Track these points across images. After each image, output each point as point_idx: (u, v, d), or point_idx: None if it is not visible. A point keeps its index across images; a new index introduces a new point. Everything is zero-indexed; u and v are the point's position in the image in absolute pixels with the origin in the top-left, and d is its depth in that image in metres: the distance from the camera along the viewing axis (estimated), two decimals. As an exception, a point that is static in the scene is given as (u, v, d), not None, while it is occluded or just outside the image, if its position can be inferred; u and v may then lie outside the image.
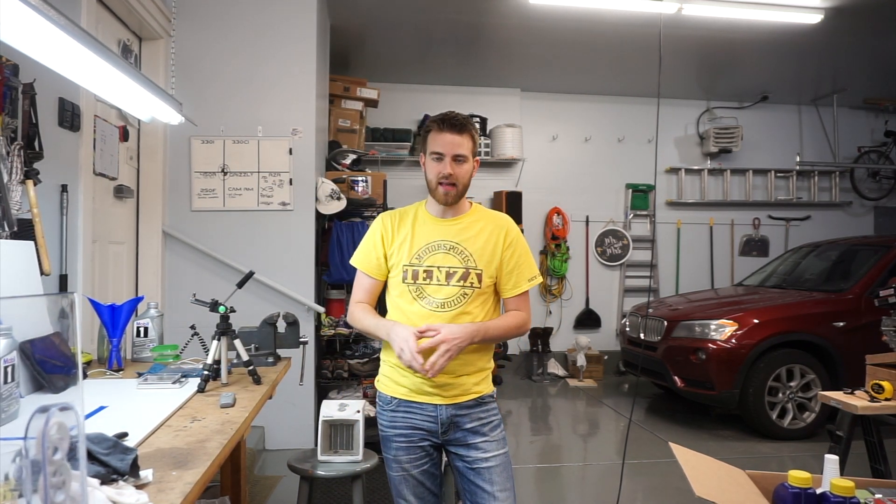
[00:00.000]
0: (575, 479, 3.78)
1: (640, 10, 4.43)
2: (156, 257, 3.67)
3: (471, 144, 1.75)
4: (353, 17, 4.72)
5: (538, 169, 6.58)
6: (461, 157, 1.73)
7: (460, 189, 1.75)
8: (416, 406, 1.75)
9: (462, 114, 1.78)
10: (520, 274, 1.78)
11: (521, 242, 1.82)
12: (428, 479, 1.80)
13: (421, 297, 1.74)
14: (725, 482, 1.52)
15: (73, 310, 1.86)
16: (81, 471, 0.81)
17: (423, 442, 1.77)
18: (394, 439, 1.78)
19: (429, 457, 1.79)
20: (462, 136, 1.73)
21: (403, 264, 1.76)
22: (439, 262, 1.74)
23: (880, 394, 2.35)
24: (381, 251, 1.81)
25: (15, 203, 1.99)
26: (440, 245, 1.76)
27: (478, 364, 1.77)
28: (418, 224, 1.81)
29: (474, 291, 1.73)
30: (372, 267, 1.82)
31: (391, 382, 1.80)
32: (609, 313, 6.84)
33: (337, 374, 4.02)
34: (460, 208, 1.82)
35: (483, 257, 1.75)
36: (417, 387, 1.74)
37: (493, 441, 1.75)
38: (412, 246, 1.77)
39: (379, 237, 1.83)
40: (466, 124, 1.74)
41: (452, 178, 1.72)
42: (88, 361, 2.16)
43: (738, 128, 6.85)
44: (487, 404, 1.78)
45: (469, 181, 1.77)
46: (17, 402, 1.38)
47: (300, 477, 2.42)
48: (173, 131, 3.70)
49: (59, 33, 1.50)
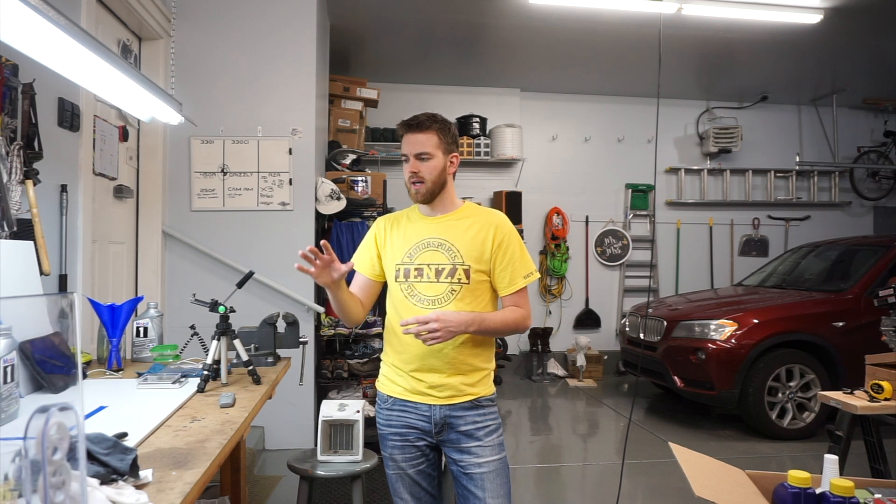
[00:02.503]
0: (575, 479, 3.78)
1: (640, 10, 4.43)
2: (155, 257, 3.67)
3: (436, 140, 1.76)
4: (353, 17, 4.72)
5: (538, 169, 6.58)
6: (424, 155, 1.75)
7: (429, 185, 1.75)
8: (410, 405, 1.76)
9: (430, 113, 1.80)
10: (514, 271, 1.76)
11: (514, 239, 1.79)
12: (424, 479, 1.81)
13: (412, 294, 1.75)
14: (725, 482, 1.52)
15: (72, 310, 1.86)
16: (81, 471, 0.81)
17: (419, 441, 1.78)
18: (389, 437, 1.80)
19: (424, 456, 1.80)
20: (424, 134, 1.75)
21: (396, 263, 1.79)
22: (429, 260, 1.75)
23: (880, 394, 2.35)
24: (374, 251, 1.86)
25: (14, 203, 1.99)
26: (429, 242, 1.77)
27: (472, 363, 1.75)
28: (410, 223, 1.84)
29: (462, 287, 1.73)
30: (365, 266, 1.87)
31: (388, 382, 1.82)
32: (609, 313, 6.84)
33: (337, 374, 4.02)
34: (449, 206, 1.83)
35: (471, 253, 1.74)
36: (412, 387, 1.75)
37: (487, 446, 1.74)
38: (404, 245, 1.80)
39: (373, 238, 1.88)
40: (426, 121, 1.76)
41: (418, 176, 1.75)
42: (88, 361, 2.16)
43: (737, 128, 6.85)
44: (485, 407, 1.77)
45: (440, 177, 1.77)
46: (17, 402, 1.38)
47: (300, 477, 2.43)
48: (173, 131, 3.70)
49: (59, 33, 1.50)
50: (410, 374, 1.75)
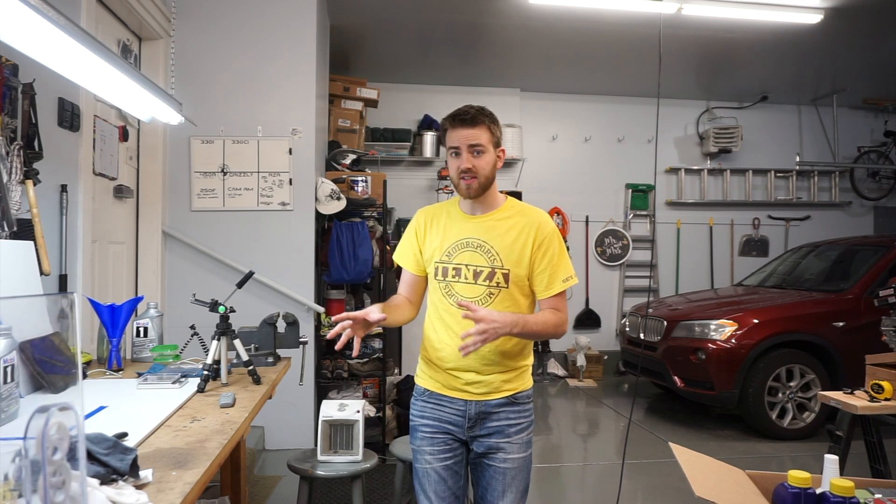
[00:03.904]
0: (575, 479, 3.78)
1: (639, 10, 4.43)
2: (155, 257, 3.67)
3: (488, 135, 1.71)
4: (353, 17, 4.72)
5: (538, 169, 6.58)
6: (478, 148, 1.69)
7: (482, 181, 1.71)
8: (446, 399, 1.76)
9: (476, 106, 1.75)
10: (553, 274, 1.72)
11: (556, 240, 1.74)
12: (450, 477, 1.77)
13: (450, 294, 1.74)
14: (725, 482, 1.52)
15: (72, 310, 1.86)
16: (81, 471, 0.81)
17: (447, 435, 1.77)
18: (420, 429, 1.80)
19: (452, 452, 1.77)
20: (476, 129, 1.69)
21: (435, 261, 1.77)
22: (467, 261, 1.73)
23: (880, 394, 2.35)
24: (416, 247, 1.84)
25: (15, 203, 1.99)
26: (469, 243, 1.74)
27: (509, 364, 1.75)
28: (450, 221, 1.80)
29: (500, 291, 1.71)
30: (410, 262, 1.85)
31: (425, 376, 1.82)
32: (609, 313, 6.84)
33: (337, 374, 4.02)
34: (491, 204, 1.78)
35: (511, 257, 1.71)
36: (448, 382, 1.76)
37: (516, 443, 1.75)
38: (443, 243, 1.77)
39: (413, 233, 1.85)
40: (478, 115, 1.71)
41: (472, 171, 1.69)
42: (88, 361, 2.16)
43: (737, 128, 6.85)
44: (521, 404, 1.77)
45: (492, 172, 1.73)
46: (17, 402, 1.38)
47: (300, 477, 2.42)
48: (173, 131, 3.70)
49: (59, 33, 1.50)
50: (447, 371, 1.75)
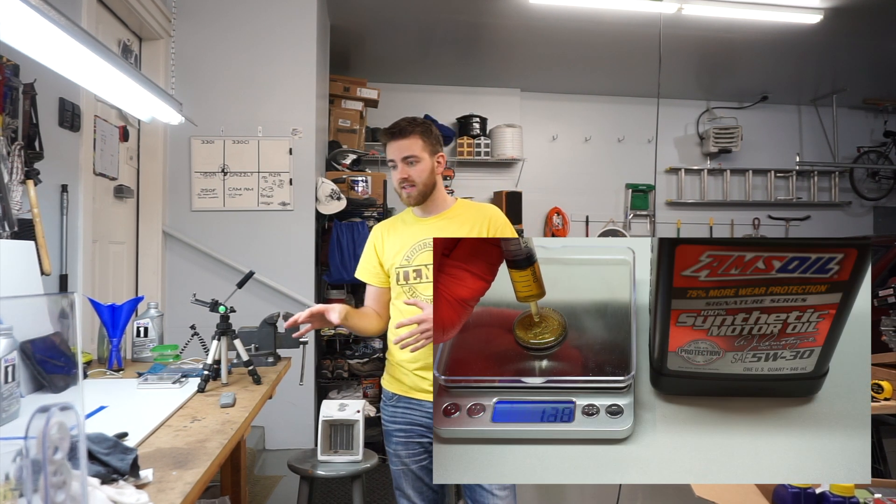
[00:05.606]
0: (575, 478, 3.78)
1: (640, 10, 4.43)
2: (156, 257, 3.67)
3: (421, 144, 1.77)
4: (353, 17, 4.72)
5: (538, 169, 6.58)
6: (412, 159, 1.76)
7: (420, 188, 1.77)
8: (415, 402, 1.78)
9: (409, 118, 1.81)
10: None
11: (508, 231, 1.82)
12: (427, 475, 1.82)
13: (413, 296, 1.77)
14: (725, 482, 1.52)
15: (73, 310, 1.86)
16: (82, 470, 0.81)
17: (422, 438, 1.79)
18: (394, 434, 1.83)
19: (427, 453, 1.81)
20: (407, 139, 1.76)
21: (396, 267, 1.82)
22: (426, 261, 1.77)
23: (880, 394, 2.35)
24: (375, 260, 1.89)
25: (15, 203, 2.00)
26: (426, 244, 1.79)
27: None
28: (405, 226, 1.87)
29: None
30: (371, 276, 1.90)
31: (393, 379, 1.85)
32: (609, 313, 6.83)
33: (337, 374, 4.02)
34: (440, 206, 1.85)
35: None
36: (416, 384, 1.77)
37: None
38: (402, 248, 1.82)
39: (372, 247, 1.91)
40: (408, 127, 1.77)
41: (409, 180, 1.76)
42: (88, 361, 2.16)
43: (737, 128, 6.85)
44: None
45: (430, 178, 1.79)
46: (18, 401, 1.38)
47: (300, 477, 2.43)
48: (173, 131, 3.70)
49: (59, 33, 1.50)
50: (414, 373, 1.77)
